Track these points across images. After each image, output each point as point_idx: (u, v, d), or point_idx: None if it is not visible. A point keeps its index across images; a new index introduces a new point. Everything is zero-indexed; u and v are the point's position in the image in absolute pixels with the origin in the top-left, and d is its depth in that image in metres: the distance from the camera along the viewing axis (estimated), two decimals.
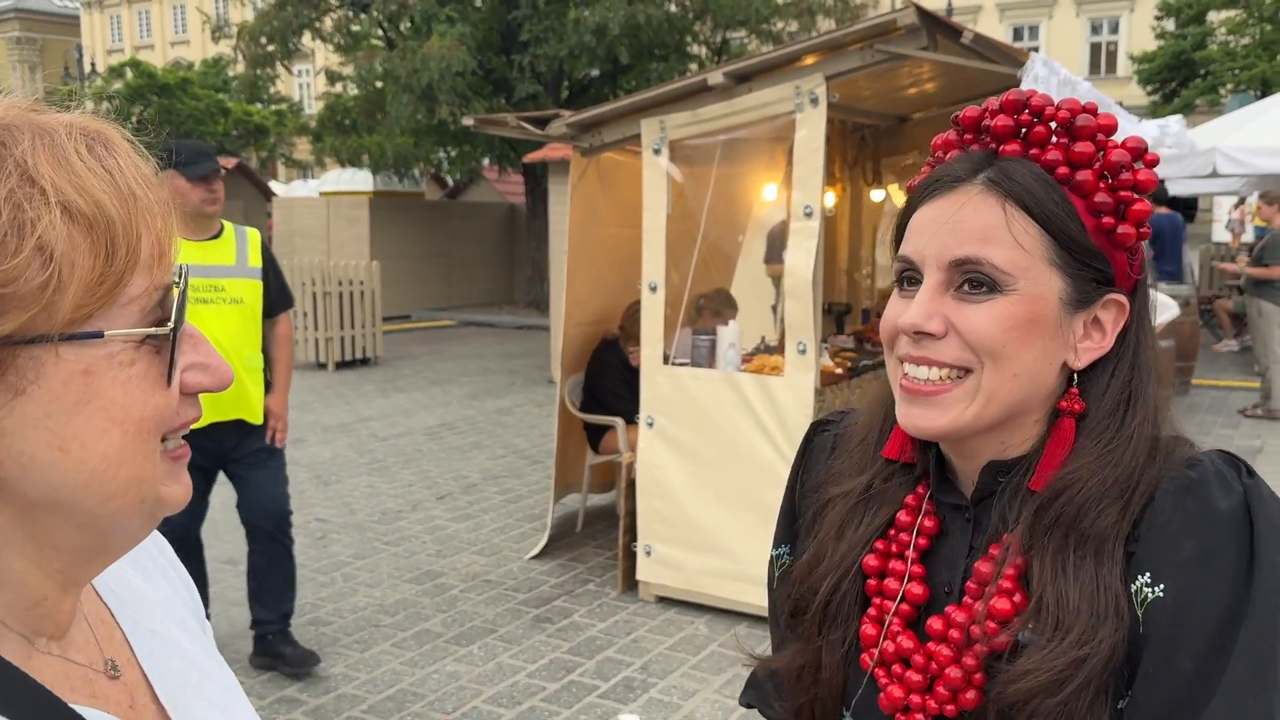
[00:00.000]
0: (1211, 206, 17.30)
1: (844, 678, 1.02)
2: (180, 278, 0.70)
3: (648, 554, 4.94)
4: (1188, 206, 15.29)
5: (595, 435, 5.91)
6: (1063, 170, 0.91)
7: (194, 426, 0.71)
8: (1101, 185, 0.91)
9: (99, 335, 0.63)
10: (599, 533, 5.98)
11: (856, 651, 1.01)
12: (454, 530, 6.12)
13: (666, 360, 4.89)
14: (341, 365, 12.50)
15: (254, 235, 4.13)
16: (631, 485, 5.03)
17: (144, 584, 0.85)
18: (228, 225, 4.04)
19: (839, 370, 5.31)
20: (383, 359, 13.12)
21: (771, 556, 1.17)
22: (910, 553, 0.99)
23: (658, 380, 4.86)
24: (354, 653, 4.42)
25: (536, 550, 5.62)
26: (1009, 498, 0.95)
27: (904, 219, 0.98)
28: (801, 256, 4.41)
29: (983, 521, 0.98)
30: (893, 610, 0.99)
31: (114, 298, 0.64)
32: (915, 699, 0.95)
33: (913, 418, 0.94)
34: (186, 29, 46.41)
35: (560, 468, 5.83)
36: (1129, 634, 0.86)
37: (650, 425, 4.87)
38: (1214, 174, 9.92)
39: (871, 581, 1.02)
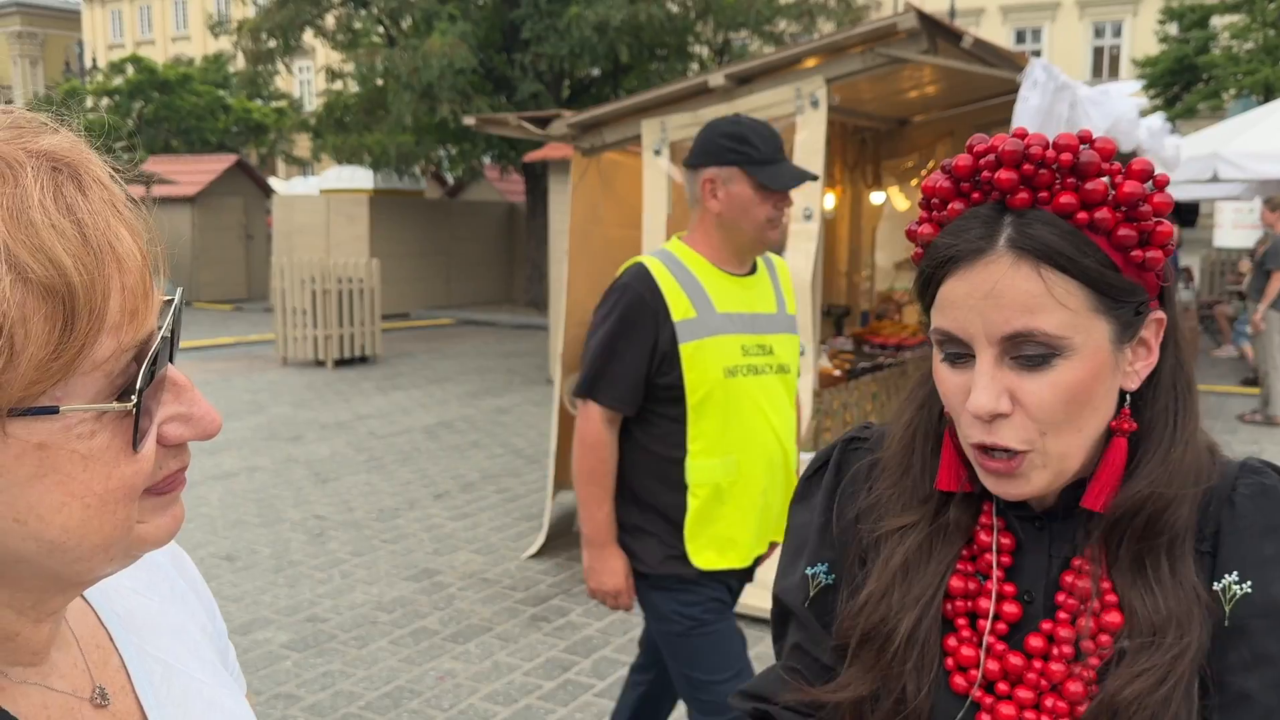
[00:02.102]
0: (1213, 212, 17.28)
1: (931, 704, 0.99)
2: (170, 318, 0.62)
3: None
4: (1189, 211, 15.26)
5: None
6: (1081, 215, 0.89)
7: (737, 567, 0.53)
8: (1121, 219, 0.90)
9: (54, 410, 0.56)
10: None
11: (944, 675, 1.00)
12: (451, 529, 6.12)
13: None
14: (340, 363, 12.51)
15: (783, 267, 2.82)
16: None
17: (157, 607, 0.80)
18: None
19: (837, 373, 5.33)
20: (381, 357, 13.12)
21: (806, 574, 1.13)
22: (996, 571, 1.00)
23: None
24: (351, 650, 4.42)
25: (534, 549, 5.62)
26: (1084, 515, 0.98)
27: (925, 282, 0.96)
28: (801, 259, 4.41)
29: (1057, 531, 1.00)
30: (987, 629, 0.99)
31: (74, 369, 0.56)
32: (1029, 715, 0.96)
33: (1000, 488, 0.96)
34: (188, 25, 46.45)
35: (558, 467, 5.83)
36: (1216, 628, 0.92)
37: None
38: (1215, 179, 9.92)
39: (959, 603, 1.01)
